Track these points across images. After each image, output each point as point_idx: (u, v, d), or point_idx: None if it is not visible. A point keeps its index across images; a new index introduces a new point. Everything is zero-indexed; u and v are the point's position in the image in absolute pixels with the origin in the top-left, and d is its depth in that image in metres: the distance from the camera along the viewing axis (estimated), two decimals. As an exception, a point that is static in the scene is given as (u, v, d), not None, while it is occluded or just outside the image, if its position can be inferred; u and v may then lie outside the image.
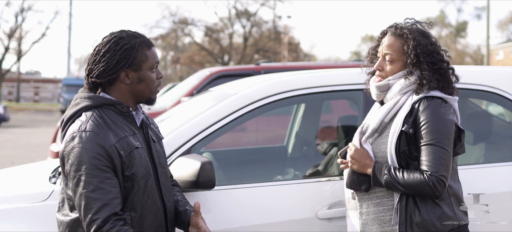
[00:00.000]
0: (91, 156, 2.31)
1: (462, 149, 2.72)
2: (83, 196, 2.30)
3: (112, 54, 2.43)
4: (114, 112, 2.46)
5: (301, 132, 4.71)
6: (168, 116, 4.06)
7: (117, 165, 2.36)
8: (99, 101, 2.45)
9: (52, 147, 7.79)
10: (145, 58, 2.48)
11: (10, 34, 47.74)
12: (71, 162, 2.33)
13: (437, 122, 2.60)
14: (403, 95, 2.73)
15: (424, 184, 2.56)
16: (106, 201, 2.31)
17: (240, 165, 4.78)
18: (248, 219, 3.05)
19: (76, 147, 2.32)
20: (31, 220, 2.90)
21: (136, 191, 2.43)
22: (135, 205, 2.43)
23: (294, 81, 3.40)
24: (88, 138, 2.33)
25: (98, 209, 2.29)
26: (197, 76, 9.53)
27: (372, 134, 2.75)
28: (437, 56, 2.72)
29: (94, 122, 2.38)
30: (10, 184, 3.43)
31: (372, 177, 2.70)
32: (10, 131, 21.83)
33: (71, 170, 2.33)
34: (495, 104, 3.76)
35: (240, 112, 3.23)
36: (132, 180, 2.41)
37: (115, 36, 2.49)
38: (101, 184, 2.31)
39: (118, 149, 2.36)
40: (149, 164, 2.50)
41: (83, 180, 2.30)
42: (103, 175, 2.32)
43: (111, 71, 2.44)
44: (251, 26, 52.29)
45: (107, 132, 2.37)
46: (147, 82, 2.50)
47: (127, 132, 2.45)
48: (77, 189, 2.32)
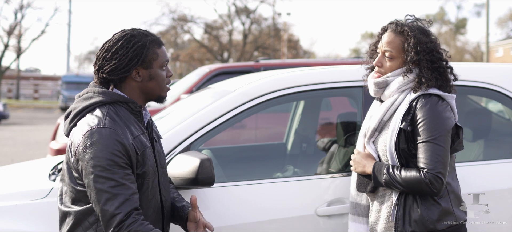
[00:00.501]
0: (112, 153, 2.31)
1: (460, 146, 2.73)
2: (103, 192, 2.30)
3: (125, 52, 2.45)
4: (126, 109, 2.48)
5: (300, 129, 4.71)
6: (167, 113, 4.06)
7: (134, 163, 2.38)
8: (114, 97, 2.46)
9: (52, 144, 7.78)
10: (156, 56, 2.51)
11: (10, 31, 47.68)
12: (89, 158, 2.32)
13: (434, 120, 2.60)
14: (401, 93, 2.73)
15: (421, 182, 2.56)
16: (127, 197, 2.32)
17: (239, 162, 4.78)
18: (247, 216, 3.05)
19: (95, 144, 2.32)
20: (31, 217, 2.89)
21: (145, 189, 2.45)
22: (142, 203, 2.45)
23: (293, 78, 3.40)
24: (108, 134, 2.33)
25: (120, 204, 2.30)
26: (196, 73, 9.53)
27: (373, 134, 2.76)
28: (437, 54, 2.72)
29: (111, 118, 2.39)
30: (10, 182, 3.42)
31: (373, 177, 2.71)
32: (9, 128, 21.83)
33: (89, 166, 2.32)
34: (495, 101, 3.75)
35: (239, 109, 3.23)
36: (142, 178, 2.44)
37: (126, 33, 2.50)
38: (122, 180, 2.32)
39: (135, 147, 2.38)
40: (154, 164, 2.52)
41: (103, 176, 2.30)
42: (123, 172, 2.33)
43: (123, 69, 2.46)
44: (250, 23, 52.24)
45: (125, 130, 2.38)
46: (158, 80, 2.52)
47: (139, 131, 2.47)
48: (96, 185, 2.31)
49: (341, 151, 3.69)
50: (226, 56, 51.97)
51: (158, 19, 51.69)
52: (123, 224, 2.30)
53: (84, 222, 2.42)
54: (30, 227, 2.87)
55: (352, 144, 3.51)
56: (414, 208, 2.62)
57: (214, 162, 3.25)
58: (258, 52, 51.04)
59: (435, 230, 2.61)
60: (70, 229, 2.45)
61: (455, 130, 2.69)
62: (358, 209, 2.88)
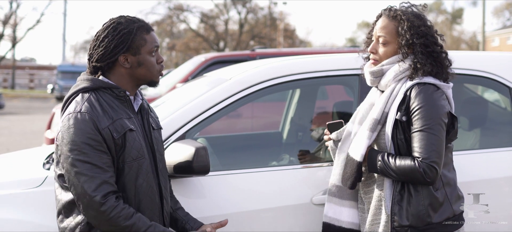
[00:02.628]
0: (86, 136, 2.36)
1: (455, 136, 2.70)
2: (80, 175, 2.34)
3: (111, 39, 2.49)
4: (111, 95, 2.51)
5: (296, 118, 4.70)
6: (162, 102, 4.04)
7: (111, 147, 2.41)
8: (97, 84, 2.50)
9: (47, 133, 7.77)
10: (144, 42, 2.53)
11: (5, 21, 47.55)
12: (66, 142, 2.38)
13: (428, 108, 2.58)
14: (398, 82, 2.70)
15: (414, 171, 2.54)
16: (105, 179, 2.36)
17: (235, 151, 4.78)
18: (242, 204, 3.04)
19: (71, 128, 2.37)
20: (25, 206, 2.89)
21: (127, 173, 2.47)
22: (126, 186, 2.47)
23: (288, 66, 3.38)
24: (82, 119, 2.38)
25: (97, 187, 2.34)
26: (192, 62, 9.51)
27: (375, 126, 2.70)
28: (431, 38, 2.69)
29: (89, 103, 2.43)
30: (4, 171, 3.41)
31: (368, 163, 2.69)
32: (5, 118, 21.78)
33: (65, 150, 2.37)
34: (491, 90, 3.74)
35: (234, 97, 3.22)
36: (123, 161, 2.45)
37: (114, 21, 2.55)
38: (98, 163, 2.36)
39: (111, 131, 2.41)
40: (143, 148, 2.53)
41: (78, 160, 2.35)
42: (98, 155, 2.37)
43: (109, 55, 2.49)
44: (246, 13, 52.21)
45: (101, 115, 2.41)
46: (147, 66, 2.54)
47: (123, 115, 2.49)
48: (72, 168, 2.36)
49: (337, 140, 3.67)
50: (222, 46, 51.90)
51: (154, 8, 51.83)
52: (103, 208, 2.33)
53: (74, 209, 2.47)
54: (24, 215, 2.87)
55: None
56: (410, 201, 2.60)
57: (209, 150, 3.24)
58: (254, 41, 50.99)
59: (432, 223, 2.59)
60: (64, 216, 2.51)
61: (451, 120, 2.66)
62: (342, 193, 2.85)
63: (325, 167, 3.24)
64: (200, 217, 2.87)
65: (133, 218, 2.39)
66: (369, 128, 2.70)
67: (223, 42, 52.33)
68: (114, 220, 2.36)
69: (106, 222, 2.36)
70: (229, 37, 52.72)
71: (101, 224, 2.38)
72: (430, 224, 2.59)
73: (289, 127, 4.77)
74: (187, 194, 3.01)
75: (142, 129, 2.59)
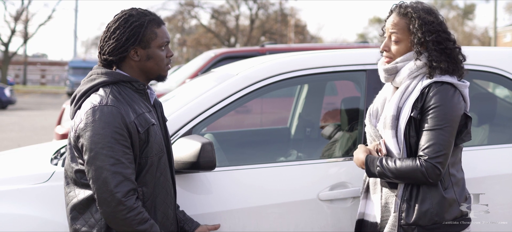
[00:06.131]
0: (113, 130, 2.32)
1: (468, 137, 2.64)
2: (103, 169, 2.30)
3: (122, 31, 2.46)
4: (130, 89, 2.49)
5: (304, 114, 4.69)
6: (170, 96, 4.04)
7: (135, 141, 2.39)
8: (117, 77, 2.47)
9: (57, 129, 7.80)
10: (154, 35, 2.51)
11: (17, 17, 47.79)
12: (91, 135, 2.32)
13: (444, 108, 2.52)
14: (413, 79, 2.64)
15: (416, 170, 2.50)
16: (127, 175, 2.33)
17: (243, 147, 4.77)
18: (249, 200, 3.04)
19: (97, 121, 2.32)
20: (33, 201, 2.89)
21: (149, 167, 2.45)
22: (148, 181, 2.46)
23: (296, 62, 3.37)
24: (110, 112, 2.34)
25: (118, 183, 2.30)
26: (202, 57, 9.52)
27: (394, 122, 2.63)
28: (443, 35, 2.63)
29: (114, 97, 2.40)
30: (13, 166, 3.43)
31: (366, 169, 2.67)
32: (16, 113, 21.91)
33: (89, 142, 2.32)
34: (501, 86, 3.71)
35: (241, 93, 3.21)
36: (146, 156, 2.43)
37: (125, 13, 2.52)
38: (121, 158, 2.32)
39: (137, 125, 2.39)
40: (163, 141, 2.53)
41: (103, 154, 2.30)
42: (123, 150, 2.33)
43: (121, 48, 2.47)
44: (257, 8, 52.12)
45: (127, 108, 2.39)
46: (156, 59, 2.52)
47: (144, 109, 2.48)
48: (95, 162, 2.31)
49: (344, 136, 3.67)
50: (233, 41, 51.90)
51: (165, 4, 52.01)
52: (123, 206, 2.30)
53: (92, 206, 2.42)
54: (32, 210, 2.87)
55: (356, 129, 3.48)
56: (419, 199, 2.56)
57: (216, 146, 3.24)
58: (265, 37, 50.96)
59: (440, 222, 2.56)
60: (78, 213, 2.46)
61: (464, 120, 2.61)
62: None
63: (333, 163, 3.23)
64: (206, 213, 2.88)
65: (146, 224, 2.36)
66: (391, 127, 2.64)
67: (234, 38, 52.32)
68: (129, 221, 2.32)
69: (121, 220, 2.32)
70: (240, 33, 52.71)
71: (113, 221, 2.34)
72: (438, 223, 2.56)
73: (297, 123, 4.76)
74: (193, 189, 3.00)
75: (159, 122, 2.59)
